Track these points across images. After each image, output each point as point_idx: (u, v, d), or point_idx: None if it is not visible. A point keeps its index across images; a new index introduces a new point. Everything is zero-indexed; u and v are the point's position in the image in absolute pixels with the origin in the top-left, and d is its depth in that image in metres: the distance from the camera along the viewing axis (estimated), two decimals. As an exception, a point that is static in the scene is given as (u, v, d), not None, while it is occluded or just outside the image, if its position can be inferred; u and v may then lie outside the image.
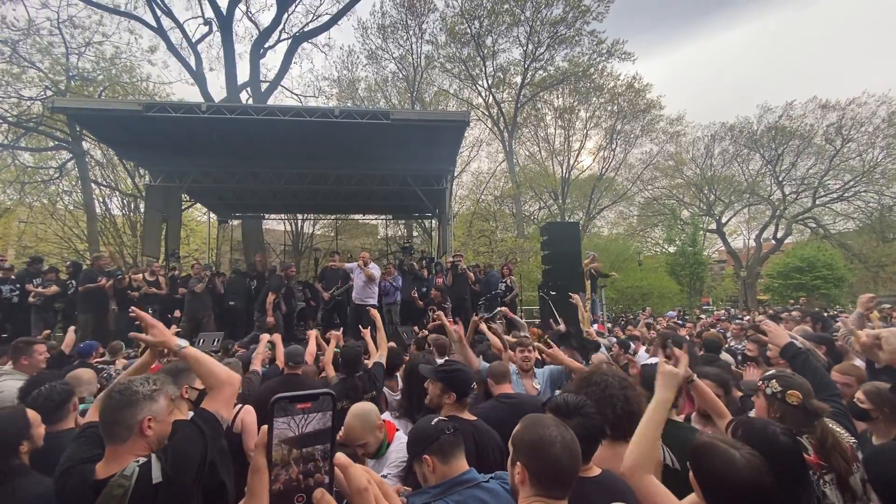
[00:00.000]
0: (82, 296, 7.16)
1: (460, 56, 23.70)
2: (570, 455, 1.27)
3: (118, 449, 1.46)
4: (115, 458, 1.45)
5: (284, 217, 19.08)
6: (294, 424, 0.65)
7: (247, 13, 17.68)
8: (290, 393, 0.67)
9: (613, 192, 29.38)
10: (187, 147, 9.21)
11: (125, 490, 1.33)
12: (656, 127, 28.48)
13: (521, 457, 1.28)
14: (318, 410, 0.66)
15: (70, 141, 16.19)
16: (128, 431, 1.46)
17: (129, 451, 1.46)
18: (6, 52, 15.56)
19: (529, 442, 1.29)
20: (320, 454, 0.67)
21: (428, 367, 2.37)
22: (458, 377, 2.24)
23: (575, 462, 1.27)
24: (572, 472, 1.26)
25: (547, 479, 1.24)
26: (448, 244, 11.05)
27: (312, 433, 0.66)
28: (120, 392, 1.50)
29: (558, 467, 1.24)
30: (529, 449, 1.28)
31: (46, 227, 19.36)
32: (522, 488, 1.26)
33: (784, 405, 1.87)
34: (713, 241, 31.67)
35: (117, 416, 1.47)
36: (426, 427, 1.60)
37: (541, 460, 1.25)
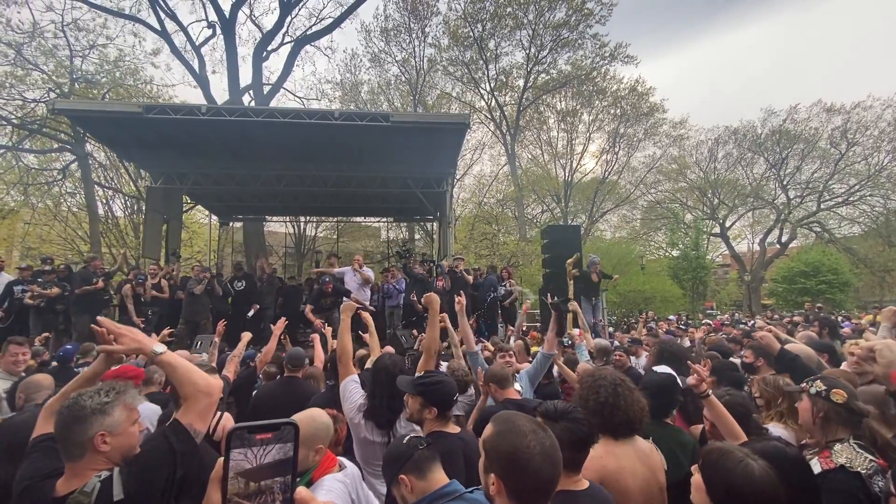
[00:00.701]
0: (78, 297, 7.15)
1: (463, 59, 23.74)
2: (551, 464, 1.19)
3: (75, 465, 1.38)
4: (75, 473, 1.37)
5: (286, 219, 19.12)
6: (252, 456, 0.62)
7: (250, 16, 17.77)
8: (248, 423, 0.63)
9: (616, 196, 29.27)
10: (188, 149, 9.22)
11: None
12: (659, 130, 28.39)
13: (496, 468, 1.20)
14: (278, 441, 0.63)
15: (73, 143, 16.29)
16: (80, 449, 1.37)
17: (88, 466, 1.37)
18: (11, 55, 15.70)
19: (505, 454, 1.20)
20: (280, 487, 0.63)
21: (406, 378, 2.20)
22: (440, 390, 2.08)
23: (556, 469, 1.20)
24: (553, 481, 1.19)
25: (526, 494, 1.17)
26: (449, 247, 11.01)
27: (271, 465, 0.63)
28: (68, 408, 1.40)
29: (538, 479, 1.17)
30: (505, 462, 1.19)
31: (50, 228, 19.45)
32: (498, 498, 1.19)
33: (829, 403, 1.83)
34: (717, 245, 31.47)
35: (67, 433, 1.38)
36: (398, 447, 1.55)
37: (519, 475, 1.17)
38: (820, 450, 1.83)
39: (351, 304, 2.94)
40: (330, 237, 23.73)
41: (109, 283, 7.90)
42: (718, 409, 2.03)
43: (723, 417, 2.02)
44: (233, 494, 0.60)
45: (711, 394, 2.08)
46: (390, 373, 2.34)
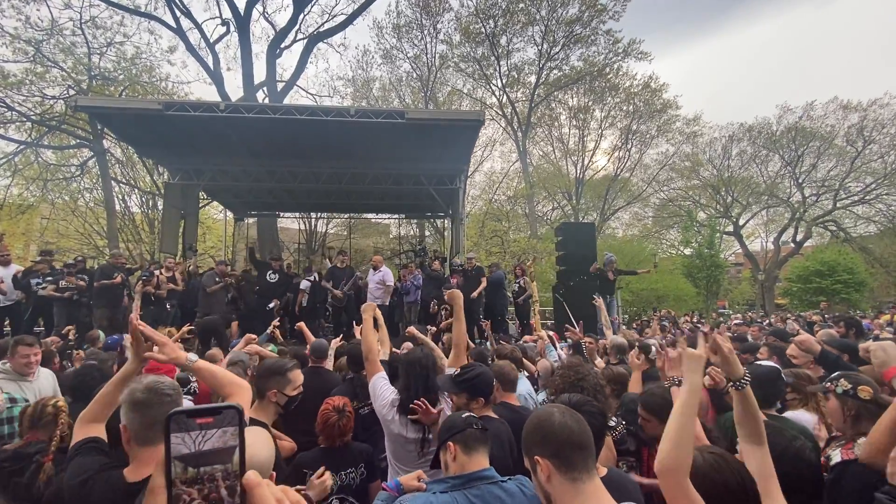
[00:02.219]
0: (98, 291, 7.30)
1: (474, 55, 23.65)
2: (575, 419, 1.28)
3: (153, 451, 1.43)
4: (148, 460, 1.42)
5: (298, 216, 19.26)
6: (190, 441, 0.59)
7: (263, 13, 17.88)
8: (187, 407, 0.62)
9: (628, 193, 29.02)
10: (205, 146, 9.34)
11: None
12: (672, 127, 28.04)
13: (535, 448, 1.28)
14: (219, 426, 0.61)
15: (91, 139, 16.56)
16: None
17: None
18: (30, 52, 15.96)
19: (532, 429, 1.31)
20: (221, 474, 0.61)
21: (446, 378, 2.27)
22: (482, 381, 2.21)
23: (584, 427, 1.27)
24: (585, 434, 1.26)
25: (564, 450, 1.23)
26: (461, 244, 11.04)
27: (211, 451, 0.60)
28: (154, 392, 1.48)
29: (568, 432, 1.24)
30: (536, 433, 1.29)
31: (68, 223, 19.83)
32: (551, 484, 1.23)
33: (858, 401, 1.87)
34: (730, 244, 31.11)
35: (148, 417, 1.44)
36: (456, 419, 1.67)
37: (549, 434, 1.26)
38: (845, 442, 1.88)
39: (372, 304, 2.96)
40: (341, 233, 23.87)
41: (129, 280, 8.05)
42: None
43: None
44: (175, 479, 0.58)
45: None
46: (423, 365, 2.36)
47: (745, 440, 1.57)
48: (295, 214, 17.65)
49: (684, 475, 1.29)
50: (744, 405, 1.59)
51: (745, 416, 1.59)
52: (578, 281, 9.01)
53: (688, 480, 1.29)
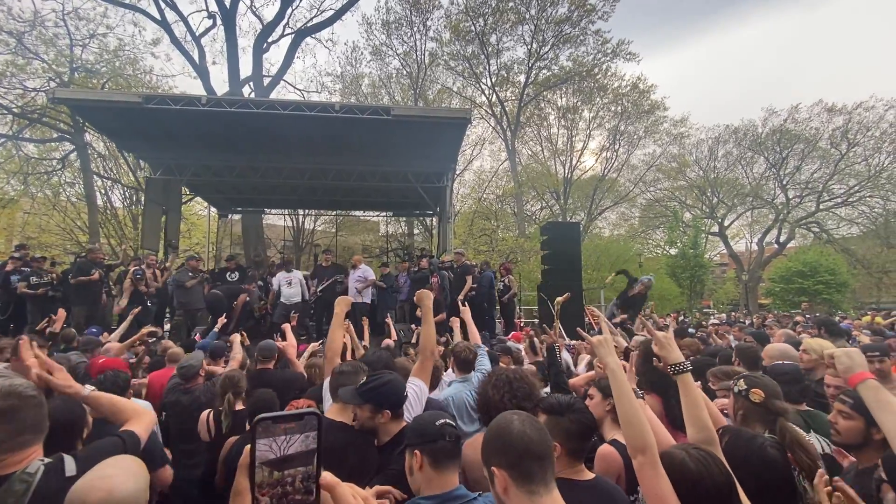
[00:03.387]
0: (76, 287, 7.16)
1: (464, 54, 23.66)
2: (535, 428, 1.21)
3: (22, 453, 1.37)
4: (10, 460, 1.36)
5: (285, 212, 19.10)
6: (276, 446, 0.64)
7: (250, 7, 17.66)
8: (273, 413, 0.65)
9: (615, 194, 29.29)
10: (187, 140, 9.21)
11: (28, 486, 1.32)
12: (660, 128, 28.40)
13: (493, 458, 1.20)
14: (301, 431, 0.65)
15: (73, 133, 16.23)
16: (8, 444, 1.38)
17: (28, 453, 1.39)
18: (11, 44, 15.60)
19: (491, 438, 1.24)
20: (301, 476, 0.65)
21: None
22: (389, 390, 1.87)
23: (543, 436, 1.21)
24: (545, 445, 1.19)
25: (522, 461, 1.16)
26: (448, 242, 11.03)
27: (294, 455, 0.65)
28: (18, 397, 1.39)
29: (527, 442, 1.17)
30: (494, 442, 1.22)
31: (49, 218, 19.42)
32: (507, 496, 1.16)
33: (747, 402, 1.96)
34: (715, 244, 31.55)
35: (25, 421, 1.39)
36: (427, 424, 1.49)
37: (507, 444, 1.18)
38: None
39: (348, 299, 2.80)
40: (328, 231, 23.75)
41: (109, 276, 7.91)
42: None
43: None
44: (259, 481, 0.63)
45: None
46: (385, 366, 2.40)
47: (695, 437, 1.59)
48: (282, 211, 17.48)
49: (649, 453, 1.35)
50: (683, 392, 1.65)
51: (687, 403, 1.63)
52: (561, 282, 9.07)
53: (657, 456, 1.35)
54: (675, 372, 1.67)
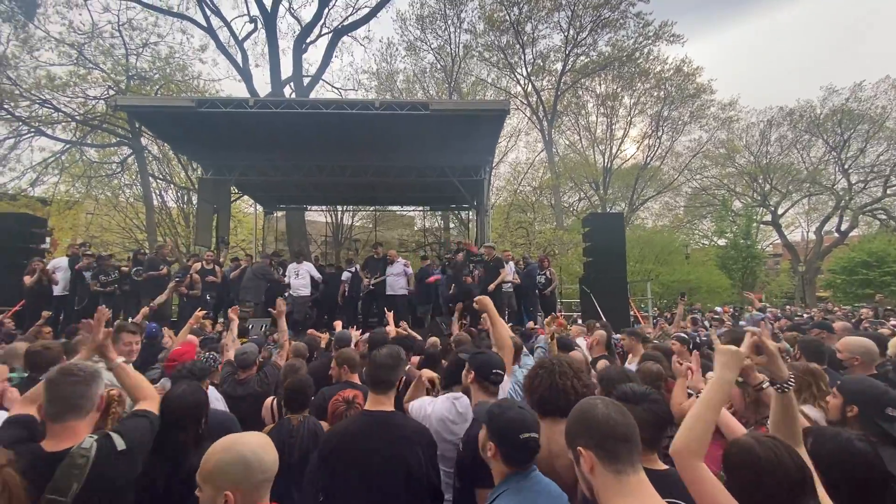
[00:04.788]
0: (146, 282, 7.67)
1: (499, 44, 23.30)
2: (618, 410, 1.26)
3: (74, 425, 1.61)
4: (68, 434, 1.58)
5: (325, 209, 19.60)
6: None
7: (289, 9, 18.14)
8: None
9: (659, 182, 28.17)
10: (236, 141, 9.59)
11: (87, 460, 1.51)
12: (706, 113, 26.93)
13: (578, 438, 1.26)
14: None
15: (130, 137, 17.28)
16: (91, 404, 1.66)
17: (87, 424, 1.64)
18: (73, 55, 16.74)
19: (575, 420, 1.30)
20: None
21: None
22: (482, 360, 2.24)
23: (627, 419, 1.25)
24: (629, 427, 1.23)
25: (607, 442, 1.21)
26: (486, 235, 10.99)
27: None
28: (81, 370, 1.68)
29: (610, 422, 1.22)
30: (578, 425, 1.28)
31: (110, 218, 20.83)
32: (593, 475, 1.22)
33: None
34: (768, 234, 29.83)
35: (84, 389, 1.65)
36: (515, 433, 1.51)
37: (592, 426, 1.24)
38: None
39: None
40: (366, 226, 24.17)
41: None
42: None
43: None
44: None
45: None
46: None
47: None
48: (322, 208, 17.96)
49: (696, 458, 1.34)
50: (783, 409, 1.57)
51: (784, 420, 1.57)
52: (605, 274, 8.87)
53: (702, 464, 1.34)
54: (781, 390, 1.57)
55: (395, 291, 8.54)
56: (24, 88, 16.11)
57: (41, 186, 18.01)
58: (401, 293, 8.66)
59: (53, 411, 1.61)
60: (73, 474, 1.48)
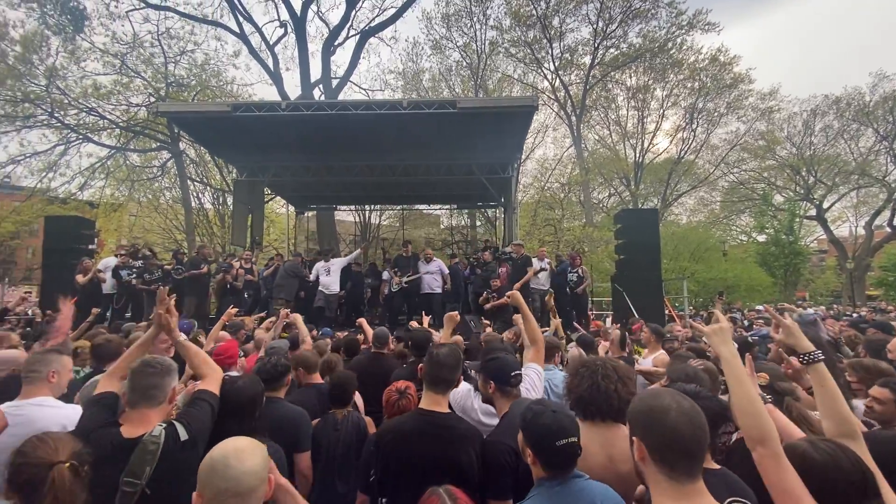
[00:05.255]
0: (188, 280, 8.00)
1: (525, 39, 23.01)
2: (690, 422, 1.16)
3: (147, 413, 1.75)
4: (141, 420, 1.73)
5: (354, 208, 19.91)
6: None
7: (318, 13, 18.49)
8: None
9: (693, 177, 27.21)
10: (269, 143, 9.84)
11: (157, 447, 1.62)
12: (744, 103, 25.76)
13: (636, 429, 1.23)
14: None
15: (170, 142, 18.03)
16: (163, 395, 1.80)
17: (156, 414, 1.77)
18: (117, 65, 17.61)
19: (640, 412, 1.24)
20: None
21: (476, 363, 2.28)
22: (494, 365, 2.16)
23: (698, 432, 1.16)
24: (696, 443, 1.15)
25: (667, 452, 1.15)
26: (514, 233, 10.90)
27: None
28: (159, 363, 1.83)
29: (676, 436, 1.15)
30: (642, 419, 1.22)
31: (151, 219, 21.84)
32: (646, 466, 1.19)
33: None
34: (812, 229, 28.36)
35: (158, 381, 1.79)
36: (551, 440, 1.46)
37: (655, 430, 1.18)
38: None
39: (454, 315, 3.10)
40: (393, 225, 24.40)
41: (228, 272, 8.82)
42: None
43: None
44: None
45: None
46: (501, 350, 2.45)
47: (833, 432, 1.49)
48: (350, 207, 18.25)
49: (765, 443, 1.29)
50: (821, 385, 1.55)
51: (827, 400, 1.54)
52: (638, 273, 8.65)
53: (780, 447, 1.29)
54: (807, 362, 1.60)
55: (433, 290, 8.57)
56: (72, 98, 17.06)
57: (89, 190, 19.04)
58: (437, 292, 8.71)
59: (132, 399, 1.76)
60: (146, 460, 1.60)
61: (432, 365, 2.05)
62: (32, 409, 2.08)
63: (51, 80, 16.60)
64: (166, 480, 1.60)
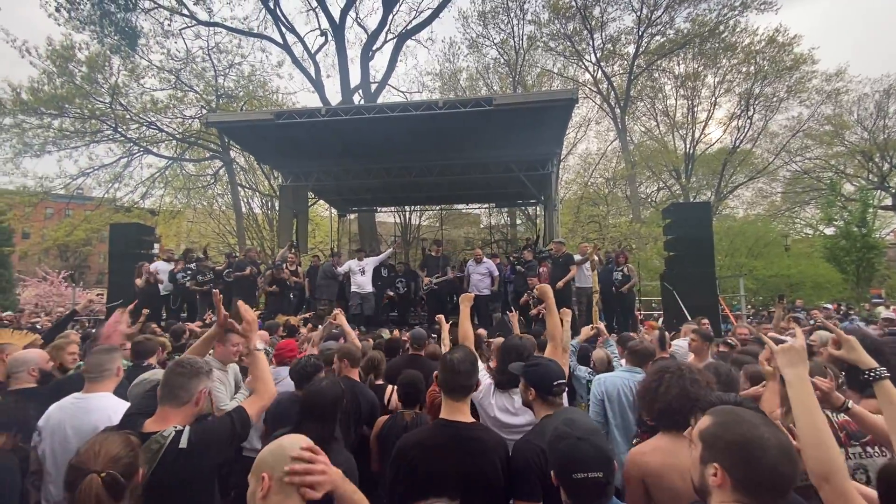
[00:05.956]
0: (235, 282, 8.37)
1: (565, 32, 22.43)
2: (790, 460, 1.07)
3: (170, 412, 1.73)
4: (164, 418, 1.72)
5: (394, 210, 20.19)
6: None
7: (356, 19, 18.85)
8: None
9: (750, 167, 25.45)
10: (311, 149, 10.13)
11: (160, 447, 1.57)
12: (807, 86, 23.70)
13: (721, 458, 1.11)
14: None
15: (221, 151, 19.03)
16: (188, 396, 1.77)
17: (180, 414, 1.74)
18: (172, 80, 18.79)
19: (735, 444, 1.10)
20: None
21: (517, 364, 2.18)
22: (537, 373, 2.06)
23: (795, 470, 1.07)
24: (792, 480, 1.07)
25: (758, 488, 1.06)
26: (555, 231, 10.62)
27: None
28: (190, 364, 1.82)
29: (775, 475, 1.05)
30: (736, 452, 1.09)
31: (206, 225, 23.16)
32: (719, 491, 1.10)
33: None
34: (888, 220, 25.76)
35: (185, 382, 1.77)
36: (568, 471, 1.34)
37: (752, 467, 1.07)
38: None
39: (469, 295, 3.09)
40: (433, 225, 24.53)
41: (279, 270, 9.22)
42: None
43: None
44: None
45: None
46: (519, 351, 2.39)
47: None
48: (390, 208, 18.50)
49: (843, 477, 1.18)
50: (890, 404, 1.44)
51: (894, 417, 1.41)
52: (690, 270, 8.16)
53: (848, 482, 1.19)
54: (872, 378, 1.49)
55: (480, 291, 8.32)
56: (133, 113, 18.37)
57: (150, 199, 20.47)
58: (485, 293, 8.49)
59: (160, 395, 1.78)
60: (146, 458, 1.53)
61: (448, 372, 1.97)
62: (90, 402, 2.28)
63: (114, 98, 17.97)
64: (156, 484, 1.52)
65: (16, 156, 18.13)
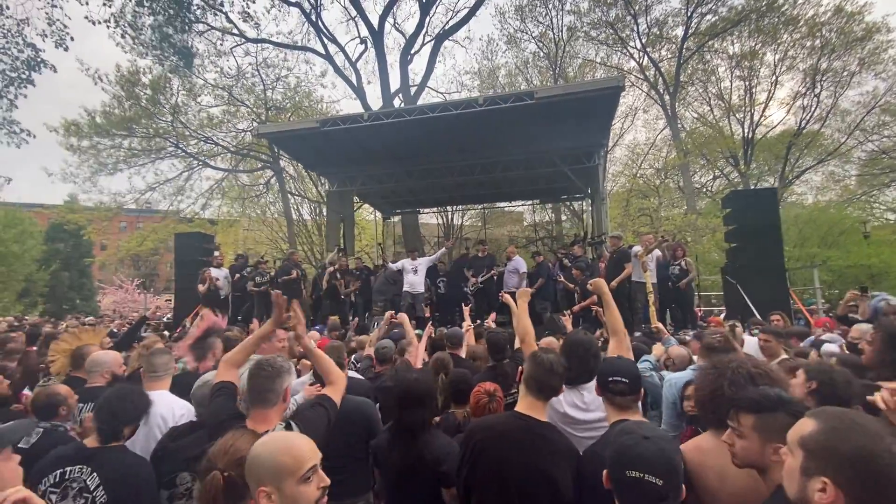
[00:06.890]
0: (283, 285, 8.71)
1: (607, 19, 21.61)
2: None
3: (266, 412, 1.81)
4: (263, 419, 1.78)
5: (437, 211, 20.30)
6: None
7: (394, 25, 19.14)
8: None
9: (820, 149, 23.37)
10: (355, 154, 10.37)
11: None
12: (883, 57, 21.34)
13: (833, 472, 0.97)
14: None
15: (271, 161, 19.95)
16: (276, 397, 1.84)
17: (274, 413, 1.83)
18: (225, 96, 19.91)
19: (854, 457, 0.96)
20: None
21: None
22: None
23: None
24: None
25: None
26: (604, 225, 10.25)
27: None
28: (271, 366, 1.87)
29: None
30: (855, 467, 0.95)
31: (261, 232, 24.35)
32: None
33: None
34: None
35: (271, 384, 1.83)
36: (621, 468, 1.25)
37: (876, 486, 0.93)
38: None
39: (527, 290, 3.14)
40: (476, 224, 24.43)
41: (303, 275, 9.56)
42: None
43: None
44: None
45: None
46: (586, 348, 2.32)
47: None
48: (434, 209, 18.62)
49: None
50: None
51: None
52: (754, 261, 7.60)
53: None
54: None
55: (508, 289, 8.32)
56: (192, 129, 19.62)
57: (209, 209, 21.78)
58: (511, 290, 8.45)
59: (251, 399, 1.87)
60: None
61: (543, 371, 1.94)
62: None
63: (175, 116, 19.30)
64: None
65: (93, 175, 20.01)
